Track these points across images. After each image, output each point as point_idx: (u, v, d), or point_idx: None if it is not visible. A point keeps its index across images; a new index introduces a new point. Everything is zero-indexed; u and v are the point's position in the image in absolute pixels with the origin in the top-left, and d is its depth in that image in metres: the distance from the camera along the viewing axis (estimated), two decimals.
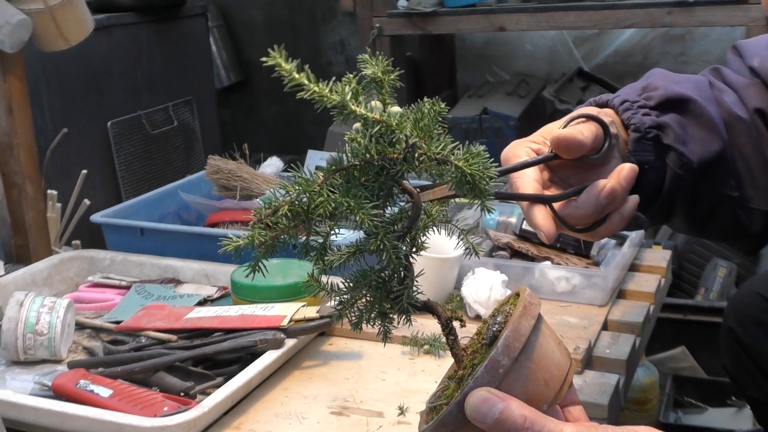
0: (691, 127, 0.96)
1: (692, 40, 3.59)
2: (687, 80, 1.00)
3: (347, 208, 0.66)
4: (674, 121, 0.95)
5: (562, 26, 3.12)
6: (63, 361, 1.28)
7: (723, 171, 0.97)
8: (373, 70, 0.70)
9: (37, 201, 1.90)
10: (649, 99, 0.96)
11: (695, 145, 0.95)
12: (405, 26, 3.22)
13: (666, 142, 0.95)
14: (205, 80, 3.77)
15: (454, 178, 0.68)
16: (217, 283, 1.51)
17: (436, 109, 0.69)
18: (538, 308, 0.76)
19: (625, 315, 1.43)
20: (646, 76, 1.02)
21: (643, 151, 0.94)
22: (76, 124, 2.90)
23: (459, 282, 1.45)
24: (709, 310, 2.52)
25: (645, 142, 0.94)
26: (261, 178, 1.82)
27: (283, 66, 0.66)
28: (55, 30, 1.87)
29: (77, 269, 1.60)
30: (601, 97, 1.00)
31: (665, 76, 1.00)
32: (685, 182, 0.96)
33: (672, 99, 0.96)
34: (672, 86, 0.97)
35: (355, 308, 0.76)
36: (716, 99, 0.99)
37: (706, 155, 0.95)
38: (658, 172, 0.95)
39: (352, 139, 0.69)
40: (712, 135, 0.96)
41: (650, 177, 0.95)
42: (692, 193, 0.98)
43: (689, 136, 0.95)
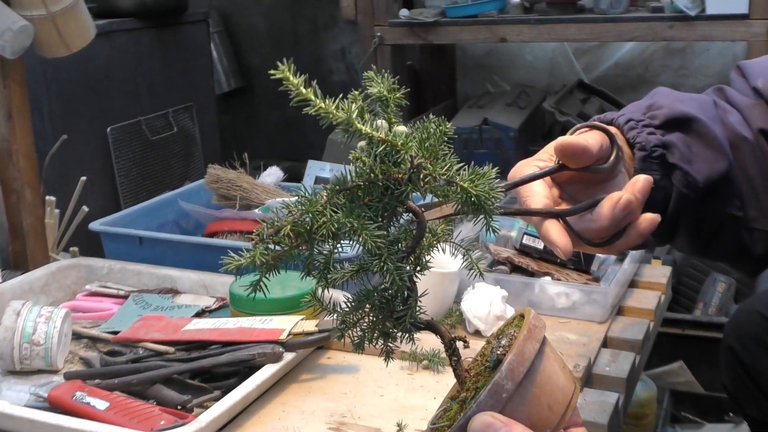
0: (696, 147, 0.95)
1: (693, 53, 3.60)
2: (691, 99, 1.00)
3: (350, 229, 0.65)
4: (679, 140, 0.95)
5: (563, 38, 3.13)
6: (59, 371, 1.27)
7: (728, 191, 0.97)
8: (379, 89, 0.69)
9: (35, 207, 1.90)
10: (653, 118, 0.96)
11: (700, 164, 0.95)
12: (406, 36, 3.22)
13: (671, 161, 0.94)
14: (206, 86, 3.77)
15: (460, 198, 0.67)
16: (215, 294, 1.50)
17: (442, 129, 0.68)
18: (543, 331, 0.75)
19: (624, 332, 1.42)
20: (650, 94, 1.02)
21: (650, 169, 0.93)
22: (75, 129, 2.89)
23: (459, 297, 1.44)
24: (708, 325, 2.51)
25: (651, 160, 0.93)
26: (261, 188, 1.81)
27: (291, 80, 0.65)
28: (57, 36, 1.87)
29: (75, 277, 1.59)
30: (606, 115, 0.99)
31: (670, 95, 1.00)
32: (690, 202, 0.95)
33: (677, 118, 0.95)
34: (677, 105, 0.96)
35: (357, 328, 0.75)
36: (721, 119, 0.99)
37: (712, 175, 0.95)
38: (664, 192, 0.95)
39: (356, 158, 0.68)
40: (718, 154, 0.96)
41: (656, 196, 0.93)
42: (697, 213, 0.97)
43: (694, 156, 0.95)
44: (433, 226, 0.78)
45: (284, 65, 0.66)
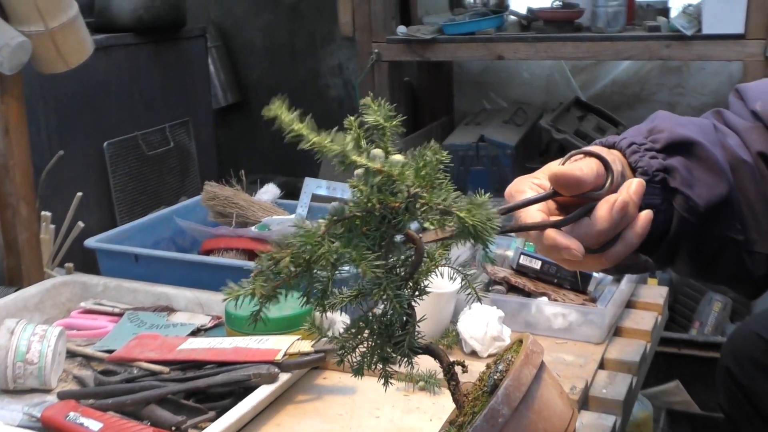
0: (697, 170, 0.95)
1: (689, 72, 3.61)
2: (691, 123, 1.00)
3: (350, 258, 0.65)
4: (681, 165, 0.95)
5: (560, 56, 3.14)
6: (53, 390, 1.26)
7: (729, 214, 0.97)
8: (375, 117, 0.69)
9: (31, 222, 1.89)
10: (655, 141, 0.96)
11: (701, 188, 0.95)
12: (404, 52, 3.23)
13: (673, 186, 0.94)
14: (203, 101, 3.77)
15: (457, 228, 0.67)
16: (211, 312, 1.49)
17: (438, 157, 0.68)
18: (541, 357, 0.75)
19: (622, 353, 1.42)
20: (650, 118, 1.02)
21: (651, 194, 0.93)
22: (72, 144, 2.89)
23: (455, 317, 1.44)
24: (704, 345, 2.51)
25: (652, 185, 0.93)
26: (257, 206, 1.81)
27: (284, 118, 0.66)
28: (55, 52, 1.87)
29: (70, 294, 1.58)
30: (608, 138, 0.99)
31: (670, 119, 1.00)
32: (691, 226, 0.95)
33: (678, 142, 0.95)
34: (677, 129, 0.97)
35: (356, 353, 0.75)
36: (721, 142, 0.99)
37: (713, 198, 0.95)
38: (665, 216, 0.95)
39: (353, 186, 0.68)
40: (718, 178, 0.96)
41: (657, 220, 0.93)
42: (698, 237, 0.97)
43: (695, 179, 0.95)
44: (431, 250, 0.78)
45: (278, 101, 0.66)
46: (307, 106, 2.96)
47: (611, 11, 3.01)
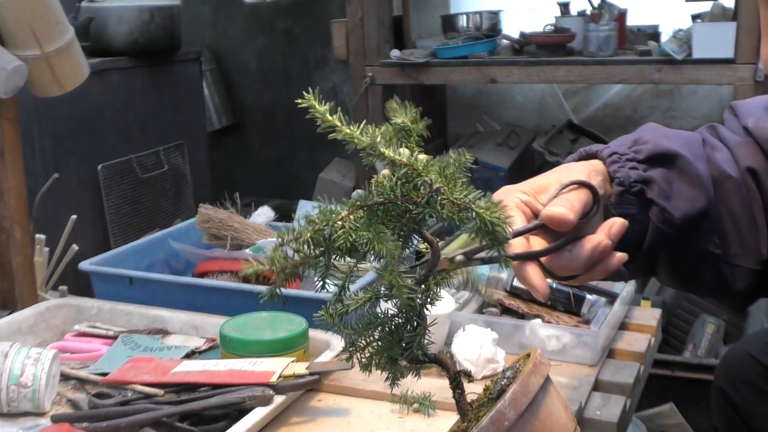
0: (677, 183, 0.97)
1: (680, 96, 3.64)
2: (678, 136, 1.02)
3: (367, 240, 0.66)
4: (660, 176, 0.96)
5: (552, 80, 3.17)
6: (47, 413, 1.25)
7: (707, 228, 0.98)
8: (402, 119, 0.71)
9: (24, 246, 1.89)
10: (638, 152, 0.97)
11: (679, 200, 0.96)
12: (397, 76, 3.26)
13: (650, 197, 0.96)
14: (197, 124, 3.78)
15: (475, 224, 0.68)
16: (206, 335, 1.49)
17: (462, 159, 0.70)
18: (548, 369, 0.76)
19: (615, 375, 1.42)
20: (639, 129, 1.04)
21: (626, 204, 0.95)
22: (66, 167, 2.90)
23: (449, 339, 1.44)
24: (698, 367, 2.51)
25: (628, 195, 0.95)
26: (252, 228, 1.82)
27: (317, 108, 0.69)
28: (51, 76, 1.87)
29: (63, 317, 1.58)
30: (591, 147, 1.01)
31: (656, 131, 1.02)
32: (667, 237, 0.96)
33: (660, 154, 0.97)
34: (661, 141, 0.98)
35: (366, 351, 0.75)
36: (707, 156, 1.01)
37: (690, 212, 0.96)
38: (641, 225, 0.96)
39: (378, 182, 0.70)
40: (698, 192, 0.97)
41: (633, 230, 0.95)
42: (675, 249, 0.99)
43: (674, 192, 0.96)
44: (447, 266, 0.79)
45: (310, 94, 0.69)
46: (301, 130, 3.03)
47: (602, 36, 3.04)
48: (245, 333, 1.32)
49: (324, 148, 4.40)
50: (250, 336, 1.31)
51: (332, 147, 4.36)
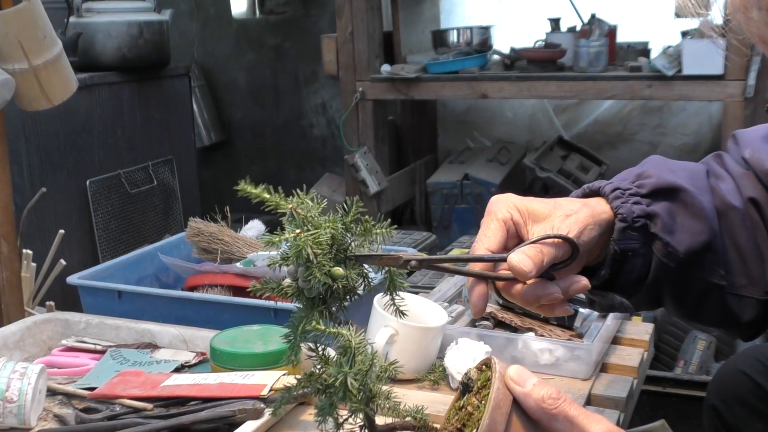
0: (680, 217, 0.97)
1: (670, 112, 3.66)
2: (683, 168, 1.01)
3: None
4: (664, 210, 0.96)
5: (543, 95, 3.17)
6: (32, 429, 1.23)
7: (712, 260, 0.98)
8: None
9: (11, 261, 1.87)
10: (641, 186, 0.97)
11: (683, 234, 0.96)
12: (388, 91, 3.26)
13: (653, 231, 0.95)
14: (186, 140, 3.77)
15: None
16: (195, 349, 1.47)
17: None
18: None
19: (608, 389, 1.41)
20: (643, 162, 1.04)
21: (629, 239, 0.95)
22: (54, 182, 2.87)
23: (442, 352, 1.43)
24: (689, 383, 2.50)
25: (631, 231, 0.95)
26: (242, 241, 1.80)
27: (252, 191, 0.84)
28: (39, 90, 1.86)
29: (51, 332, 1.56)
30: (594, 184, 1.01)
31: (661, 164, 1.02)
32: (670, 270, 0.96)
33: (664, 188, 0.97)
34: (665, 175, 0.98)
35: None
36: (712, 188, 1.01)
37: (694, 245, 0.96)
38: (644, 259, 0.96)
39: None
40: (702, 225, 0.97)
41: (635, 263, 0.96)
42: (679, 281, 0.98)
43: (678, 226, 0.96)
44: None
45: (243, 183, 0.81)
46: (291, 145, 3.02)
47: (593, 51, 3.05)
48: (236, 346, 1.30)
49: (313, 164, 4.39)
50: (241, 349, 1.29)
51: (322, 163, 4.36)
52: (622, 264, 0.96)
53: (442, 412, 1.29)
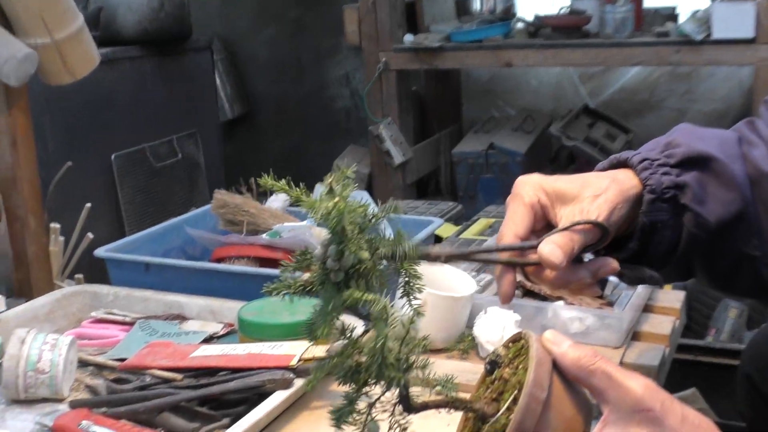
0: (711, 186, 0.94)
1: (699, 78, 3.60)
2: (714, 136, 0.99)
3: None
4: (694, 180, 0.94)
5: (569, 63, 3.13)
6: (65, 399, 1.24)
7: (745, 230, 0.95)
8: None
9: (39, 235, 1.88)
10: (670, 156, 0.95)
11: (714, 204, 0.94)
12: (411, 61, 3.23)
13: (683, 202, 0.93)
14: (210, 113, 3.77)
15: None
16: (223, 320, 1.47)
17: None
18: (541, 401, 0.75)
19: (640, 358, 1.40)
20: (671, 131, 1.01)
21: (658, 211, 0.93)
22: (79, 157, 2.88)
23: (471, 321, 1.42)
24: (721, 352, 2.48)
25: (660, 203, 0.93)
26: (268, 213, 1.79)
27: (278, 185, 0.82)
28: (61, 64, 1.86)
29: (80, 304, 1.57)
30: (622, 154, 0.98)
31: (690, 132, 0.99)
32: (702, 241, 0.94)
33: (694, 157, 0.94)
34: (695, 143, 0.96)
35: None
36: (744, 155, 0.98)
37: (725, 215, 0.94)
38: (674, 231, 0.94)
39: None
40: (734, 194, 0.94)
41: (665, 235, 0.94)
42: (711, 252, 0.96)
43: (709, 196, 0.94)
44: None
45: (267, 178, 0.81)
46: (314, 118, 3.01)
47: (619, 17, 3.00)
48: (263, 317, 1.30)
49: (337, 136, 4.37)
50: (269, 319, 1.29)
51: (345, 135, 4.34)
52: (652, 236, 0.94)
53: (471, 381, 1.28)
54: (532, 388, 0.74)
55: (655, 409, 0.74)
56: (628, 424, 0.74)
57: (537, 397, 0.74)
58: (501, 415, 0.78)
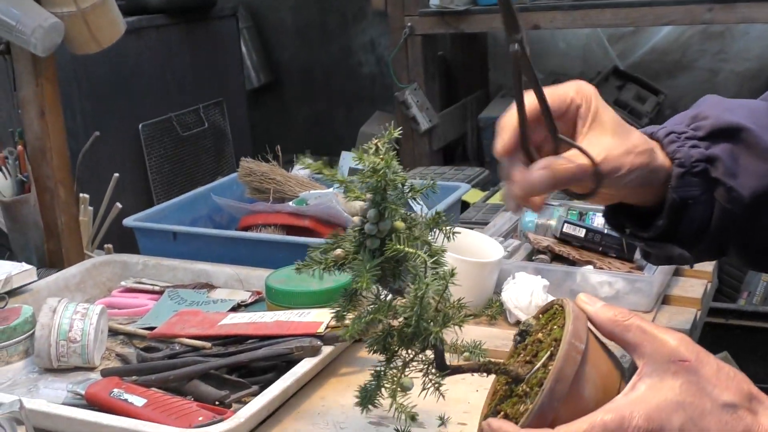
0: (744, 158, 0.90)
1: (732, 37, 3.52)
2: (742, 106, 0.95)
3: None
4: (725, 153, 0.90)
5: (598, 24, 3.07)
6: (96, 368, 1.26)
7: None
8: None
9: (69, 205, 1.89)
10: (698, 129, 0.91)
11: (747, 177, 0.90)
12: (437, 25, 3.19)
13: (714, 176, 0.90)
14: (236, 81, 3.76)
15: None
16: (251, 288, 1.48)
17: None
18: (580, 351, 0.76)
19: (671, 322, 1.38)
20: (697, 103, 0.97)
21: (688, 186, 0.90)
22: (107, 126, 2.89)
23: (499, 287, 1.41)
24: (753, 315, 2.45)
25: (690, 177, 0.89)
26: (294, 180, 1.79)
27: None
28: (87, 33, 1.85)
29: (110, 274, 1.58)
30: (647, 129, 0.95)
31: (718, 104, 0.95)
32: (735, 216, 0.91)
33: (723, 128, 0.91)
34: (724, 115, 0.92)
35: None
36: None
37: (759, 188, 0.90)
38: (705, 207, 0.91)
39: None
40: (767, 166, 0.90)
41: (697, 211, 0.90)
42: (746, 228, 0.92)
43: (741, 168, 0.90)
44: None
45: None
46: (340, 85, 3.00)
47: None
48: (291, 284, 1.30)
49: (363, 103, 4.35)
50: (296, 287, 1.29)
51: (371, 101, 4.31)
52: (683, 213, 0.91)
53: (500, 347, 1.28)
54: (572, 338, 0.75)
55: (690, 360, 0.74)
56: (664, 374, 0.73)
57: (576, 346, 0.75)
58: (537, 370, 0.78)
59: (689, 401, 0.71)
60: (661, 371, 0.74)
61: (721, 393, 0.72)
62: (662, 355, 0.74)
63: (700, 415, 0.71)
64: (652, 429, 0.70)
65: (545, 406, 0.73)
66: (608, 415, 0.71)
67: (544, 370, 0.77)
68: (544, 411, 0.73)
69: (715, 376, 0.73)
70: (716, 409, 0.71)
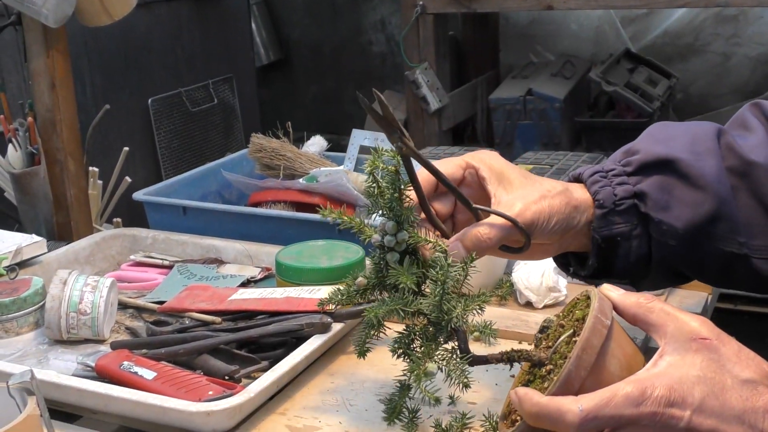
0: (677, 189, 0.90)
1: (746, 21, 3.49)
2: (685, 133, 0.93)
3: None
4: (654, 187, 0.90)
5: (611, 5, 3.05)
6: (106, 341, 1.26)
7: (724, 229, 0.90)
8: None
9: (79, 178, 1.89)
10: (627, 165, 0.92)
11: (682, 208, 0.89)
12: (449, 4, 3.17)
13: (643, 211, 0.90)
14: (245, 58, 3.75)
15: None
16: (261, 264, 1.48)
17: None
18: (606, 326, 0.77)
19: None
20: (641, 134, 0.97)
21: (612, 225, 0.91)
22: (116, 100, 2.89)
23: (509, 267, 1.40)
24: (762, 301, 2.45)
25: (614, 216, 0.90)
26: (304, 157, 1.78)
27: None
28: (99, 4, 1.84)
29: (119, 247, 1.58)
30: (577, 170, 0.96)
31: (654, 135, 0.95)
32: (674, 248, 0.91)
33: (652, 162, 0.91)
34: (655, 147, 0.92)
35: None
36: (727, 147, 0.92)
37: (695, 218, 0.89)
38: (641, 240, 0.91)
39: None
40: (704, 195, 0.89)
41: (630, 246, 0.91)
42: (691, 257, 0.92)
43: (675, 200, 0.90)
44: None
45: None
46: (350, 64, 2.98)
47: None
48: (301, 261, 1.30)
49: (373, 82, 4.33)
50: (307, 264, 1.29)
51: (381, 81, 4.30)
52: (615, 250, 0.92)
53: (510, 327, 1.27)
54: (598, 313, 0.76)
55: (711, 338, 0.75)
56: (685, 352, 0.74)
57: (602, 321, 0.76)
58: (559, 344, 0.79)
59: (710, 376, 0.72)
60: (683, 349, 0.74)
61: (742, 370, 0.73)
62: (684, 333, 0.75)
63: (721, 389, 0.71)
64: (673, 399, 0.70)
65: (572, 374, 0.73)
66: (630, 386, 0.71)
67: (567, 347, 0.78)
68: (571, 379, 0.73)
69: (735, 355, 0.74)
70: (737, 385, 0.72)
